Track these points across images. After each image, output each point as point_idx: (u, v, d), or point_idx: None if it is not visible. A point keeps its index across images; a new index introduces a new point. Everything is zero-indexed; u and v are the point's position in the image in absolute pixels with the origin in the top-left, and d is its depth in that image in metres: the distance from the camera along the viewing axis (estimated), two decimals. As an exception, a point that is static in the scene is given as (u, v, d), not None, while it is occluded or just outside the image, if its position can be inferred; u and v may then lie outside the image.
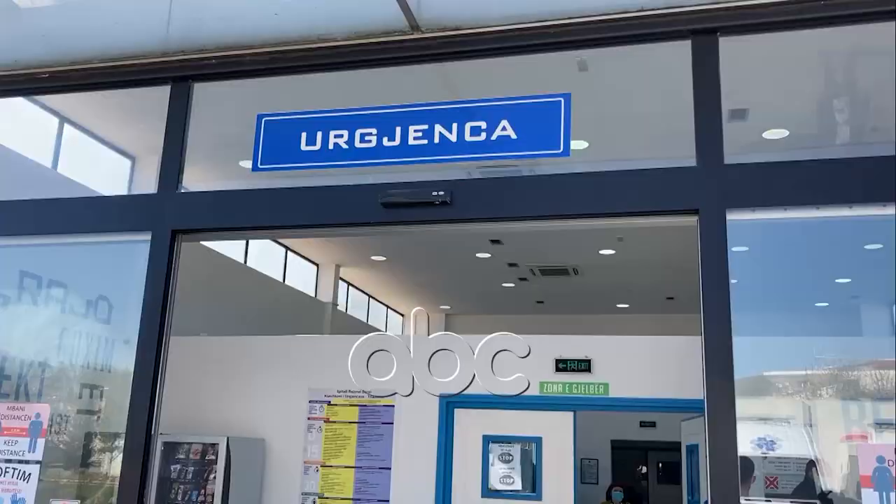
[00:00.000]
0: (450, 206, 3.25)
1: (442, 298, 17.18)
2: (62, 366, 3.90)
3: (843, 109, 4.19)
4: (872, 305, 3.35)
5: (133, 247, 3.66)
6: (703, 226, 2.99)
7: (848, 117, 4.16)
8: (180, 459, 7.19)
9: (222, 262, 11.62)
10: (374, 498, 7.33)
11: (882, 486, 2.48)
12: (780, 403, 3.10)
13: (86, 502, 3.48)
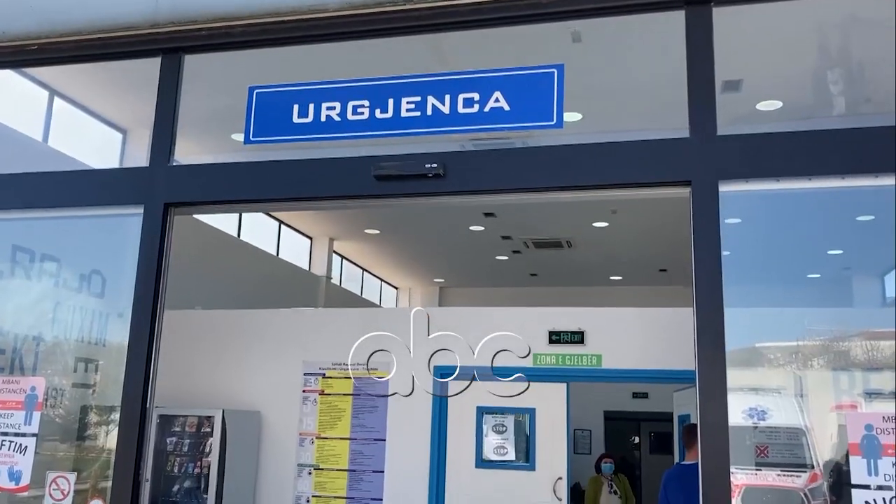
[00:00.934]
0: (443, 178, 3.24)
1: (436, 271, 17.21)
2: (56, 340, 3.91)
3: (837, 81, 4.18)
4: (864, 276, 3.38)
5: (126, 220, 3.65)
6: (696, 197, 2.99)
7: (842, 88, 4.16)
8: (176, 432, 7.24)
9: (216, 235, 11.60)
10: (370, 469, 7.41)
11: (870, 454, 2.51)
12: (772, 374, 3.13)
13: (82, 475, 3.50)
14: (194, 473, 7.11)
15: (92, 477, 3.48)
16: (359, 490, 7.38)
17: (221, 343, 8.04)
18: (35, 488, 3.45)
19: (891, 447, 2.49)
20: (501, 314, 7.74)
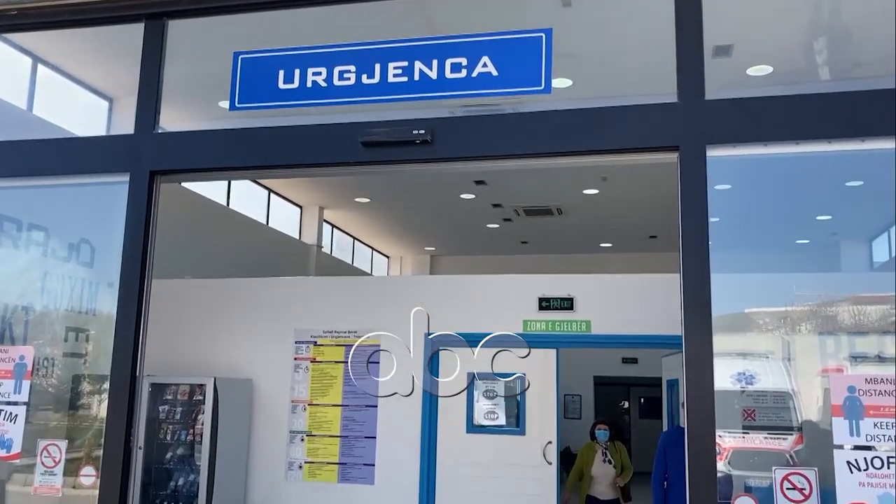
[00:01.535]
0: (431, 144, 3.22)
1: (426, 240, 17.20)
2: (46, 309, 3.90)
3: (827, 45, 4.16)
4: (851, 242, 3.39)
5: (112, 189, 3.63)
6: (684, 162, 2.99)
7: (832, 53, 4.14)
8: (168, 400, 7.27)
9: (205, 204, 11.54)
10: (362, 435, 7.48)
11: (852, 415, 2.55)
12: (760, 339, 3.16)
13: (75, 443, 3.52)
14: (187, 441, 7.16)
15: (85, 445, 3.50)
16: (351, 456, 7.46)
17: (212, 312, 8.05)
18: (28, 457, 3.47)
19: (873, 408, 2.53)
20: (492, 282, 7.77)
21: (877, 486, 2.49)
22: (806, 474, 2.57)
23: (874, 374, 2.60)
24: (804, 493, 2.56)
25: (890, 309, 2.95)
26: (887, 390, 2.54)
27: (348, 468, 7.44)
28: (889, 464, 2.48)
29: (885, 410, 2.53)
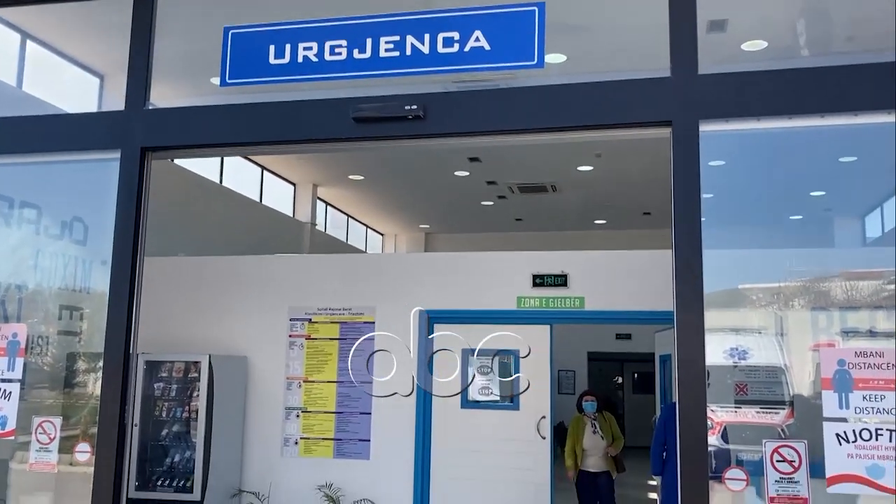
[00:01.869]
0: (423, 120, 3.21)
1: (421, 217, 17.19)
2: (39, 287, 3.89)
3: (821, 19, 4.14)
4: (845, 217, 3.40)
5: (104, 166, 3.60)
6: (676, 137, 2.98)
7: (825, 27, 4.12)
8: (163, 377, 7.29)
9: (198, 182, 11.50)
10: (357, 411, 7.52)
11: (841, 388, 2.57)
12: (753, 315, 3.18)
13: (71, 421, 3.53)
14: (182, 418, 7.19)
15: (82, 423, 3.51)
16: (346, 431, 7.51)
17: (207, 289, 8.05)
18: (24, 435, 3.48)
19: (862, 381, 2.55)
20: (486, 259, 7.78)
21: (864, 458, 2.52)
22: (795, 447, 2.59)
23: (864, 348, 2.62)
24: (794, 465, 2.59)
25: (882, 284, 2.97)
26: (876, 363, 2.57)
27: (344, 444, 7.50)
28: (877, 436, 2.51)
29: (874, 383, 2.55)
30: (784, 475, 2.59)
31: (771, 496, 2.61)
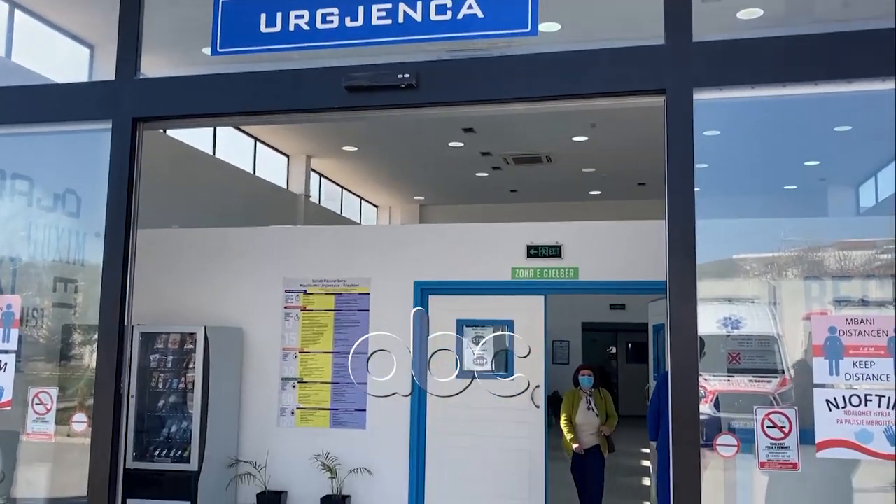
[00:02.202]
0: (416, 89, 3.19)
1: (416, 189, 17.15)
2: (33, 260, 3.89)
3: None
4: (839, 187, 3.41)
5: (96, 137, 3.58)
6: (670, 105, 2.97)
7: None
8: (159, 349, 7.31)
9: (191, 153, 11.44)
10: (352, 381, 7.56)
11: (832, 355, 2.60)
12: (747, 284, 3.19)
13: (67, 393, 3.54)
14: (179, 389, 7.23)
15: (78, 395, 3.52)
16: (342, 401, 7.56)
17: (201, 261, 8.04)
18: (21, 406, 3.49)
19: (852, 348, 2.57)
20: (481, 230, 7.78)
21: (854, 423, 2.55)
22: (786, 413, 2.62)
23: (855, 315, 2.65)
24: (784, 431, 2.62)
25: (875, 254, 2.98)
26: (867, 330, 2.59)
27: (340, 413, 7.55)
28: (866, 401, 2.54)
29: (864, 350, 2.57)
30: (775, 441, 2.62)
31: (762, 461, 2.65)
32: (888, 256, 2.92)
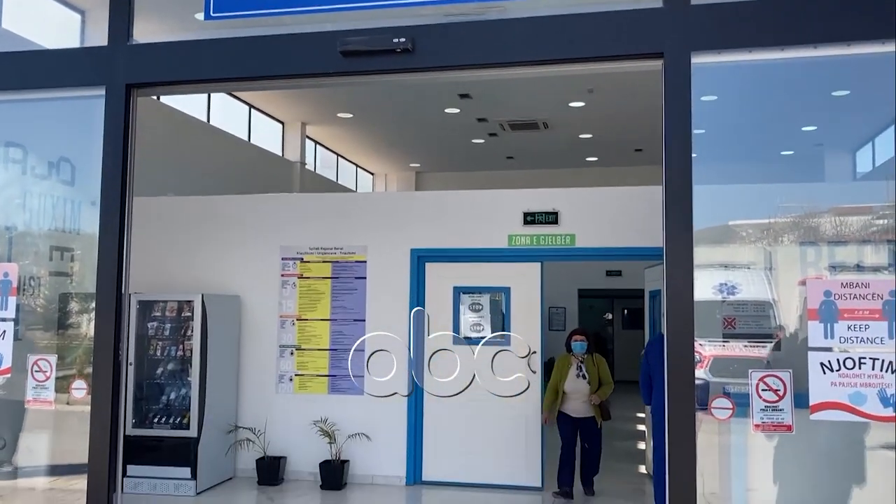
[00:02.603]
0: (412, 53, 3.16)
1: (411, 156, 17.07)
2: (28, 228, 3.87)
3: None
4: (836, 152, 3.40)
5: (89, 104, 3.55)
6: (668, 69, 2.95)
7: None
8: (157, 317, 7.33)
9: (185, 121, 11.36)
10: (350, 348, 7.60)
11: (826, 318, 2.61)
12: (743, 251, 3.20)
13: (66, 361, 3.55)
14: (177, 356, 7.26)
15: (77, 363, 3.53)
16: (340, 368, 7.61)
17: (197, 229, 8.03)
18: (21, 374, 3.51)
19: (847, 311, 2.59)
20: (478, 197, 7.77)
21: (847, 386, 2.58)
22: (781, 376, 2.65)
23: (850, 279, 2.66)
24: (778, 393, 2.65)
25: (871, 219, 2.98)
26: (862, 294, 2.60)
27: (338, 380, 7.60)
28: (860, 364, 2.56)
29: (859, 313, 2.59)
30: (769, 403, 2.65)
31: (756, 424, 2.68)
32: (884, 222, 2.93)
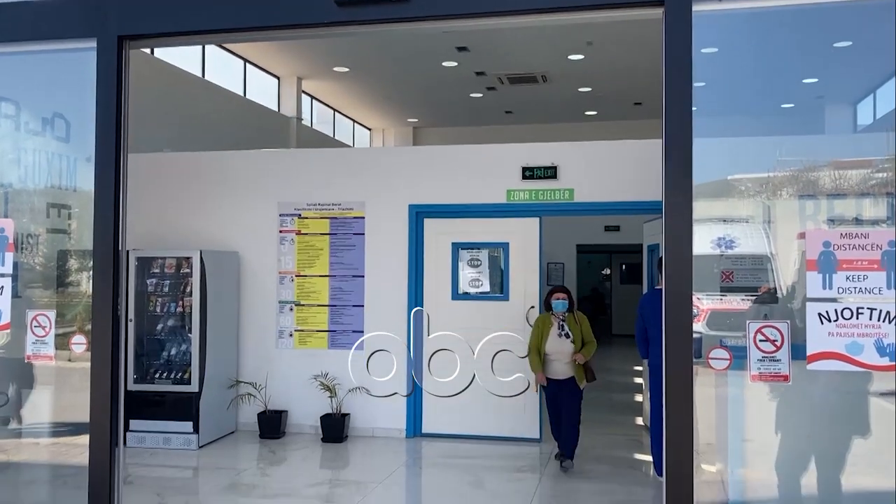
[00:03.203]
0: (408, 2, 3.09)
1: (409, 111, 16.93)
2: (25, 185, 3.85)
3: None
4: (837, 105, 3.37)
5: (81, 59, 3.49)
6: (669, 18, 2.89)
7: None
8: (155, 274, 7.34)
9: (180, 76, 11.22)
10: (350, 304, 7.64)
11: (825, 269, 2.61)
12: (742, 204, 3.18)
13: (66, 318, 3.56)
14: (177, 312, 7.28)
15: (77, 320, 3.54)
16: (340, 323, 7.64)
17: (195, 186, 7.99)
18: (21, 331, 3.51)
19: (846, 262, 2.58)
20: (475, 152, 7.71)
21: (844, 336, 2.59)
22: (778, 327, 2.65)
23: (849, 230, 2.65)
24: (776, 344, 2.66)
25: (870, 172, 2.96)
26: (861, 244, 2.60)
27: (338, 335, 7.65)
28: (858, 314, 2.57)
29: (858, 264, 2.59)
30: (766, 354, 2.66)
31: (753, 374, 2.69)
32: (884, 175, 2.91)
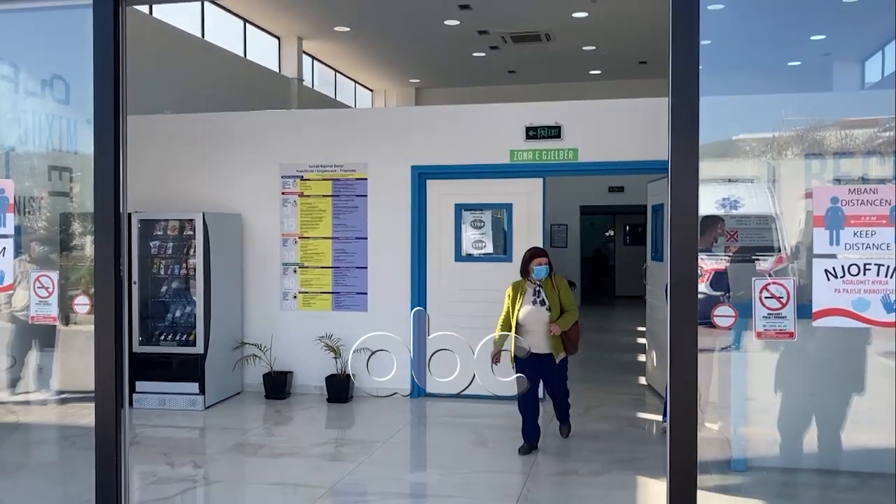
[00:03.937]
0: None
1: (411, 71, 16.76)
2: (26, 148, 3.83)
3: None
4: (844, 62, 3.32)
5: (78, 19, 3.44)
6: (676, -29, 2.83)
7: None
8: (158, 236, 7.34)
9: (179, 36, 11.10)
10: (353, 265, 7.64)
11: (833, 225, 2.59)
12: (747, 164, 3.16)
13: (70, 281, 3.56)
14: (181, 275, 7.30)
15: (81, 284, 3.54)
16: (344, 285, 7.66)
17: (196, 147, 7.95)
18: (25, 293, 3.52)
19: (854, 218, 2.56)
20: (478, 112, 7.64)
21: (851, 292, 2.57)
22: (784, 283, 2.64)
23: (858, 185, 2.62)
24: (781, 301, 2.65)
25: (877, 131, 2.93)
26: (870, 200, 2.57)
27: (342, 297, 7.67)
28: (865, 270, 2.55)
29: (865, 219, 2.56)
30: (772, 311, 2.65)
31: (758, 331, 2.69)
32: (890, 134, 2.88)
